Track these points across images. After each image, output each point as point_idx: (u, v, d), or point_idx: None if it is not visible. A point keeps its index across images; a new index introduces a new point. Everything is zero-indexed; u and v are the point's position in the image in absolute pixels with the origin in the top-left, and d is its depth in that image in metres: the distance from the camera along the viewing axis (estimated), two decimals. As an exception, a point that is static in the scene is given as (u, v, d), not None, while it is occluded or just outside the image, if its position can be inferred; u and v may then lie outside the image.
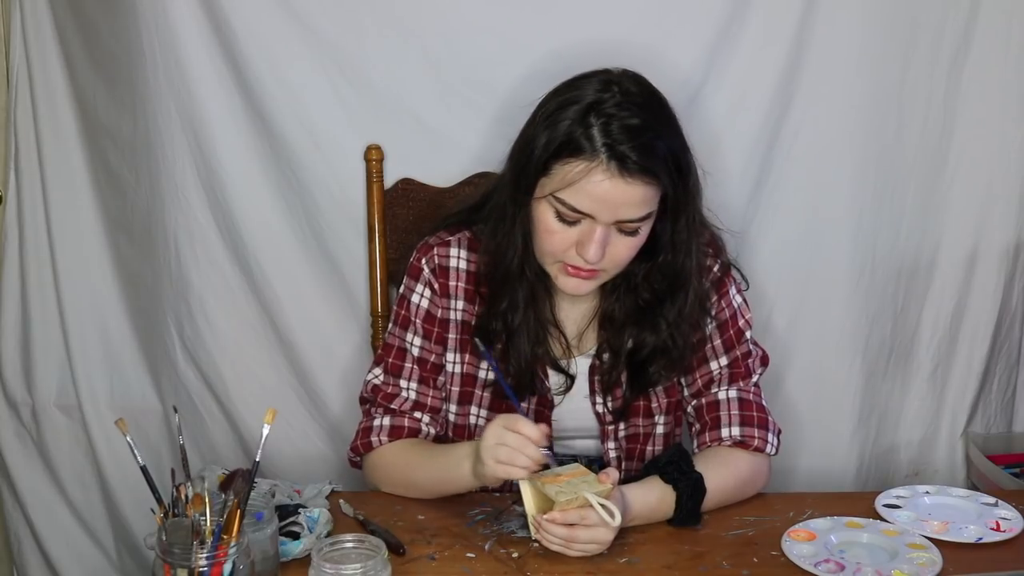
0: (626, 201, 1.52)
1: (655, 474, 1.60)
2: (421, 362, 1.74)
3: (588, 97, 1.53)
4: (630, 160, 1.49)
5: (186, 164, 2.04)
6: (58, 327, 2.23)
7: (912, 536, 1.54)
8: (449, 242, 1.73)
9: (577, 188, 1.52)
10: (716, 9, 1.97)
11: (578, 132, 1.52)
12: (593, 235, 1.53)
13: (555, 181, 1.54)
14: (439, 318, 1.73)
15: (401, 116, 2.01)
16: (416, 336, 1.73)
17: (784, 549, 1.51)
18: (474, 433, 1.75)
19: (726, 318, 1.73)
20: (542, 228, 1.58)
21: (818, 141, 2.04)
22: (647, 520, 1.58)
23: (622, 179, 1.50)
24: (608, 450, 1.77)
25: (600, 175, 1.51)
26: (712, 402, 1.71)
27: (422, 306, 1.73)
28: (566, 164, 1.52)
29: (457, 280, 1.73)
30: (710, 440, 1.69)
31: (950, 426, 2.21)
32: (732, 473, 1.65)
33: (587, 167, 1.51)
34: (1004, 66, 2.04)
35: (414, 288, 1.74)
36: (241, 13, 1.96)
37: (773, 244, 2.07)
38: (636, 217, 1.54)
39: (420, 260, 1.74)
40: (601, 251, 1.54)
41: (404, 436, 1.71)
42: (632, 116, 1.52)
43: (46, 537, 2.32)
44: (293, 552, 1.47)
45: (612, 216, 1.53)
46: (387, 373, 1.75)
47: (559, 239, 1.57)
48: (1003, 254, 2.13)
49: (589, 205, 1.52)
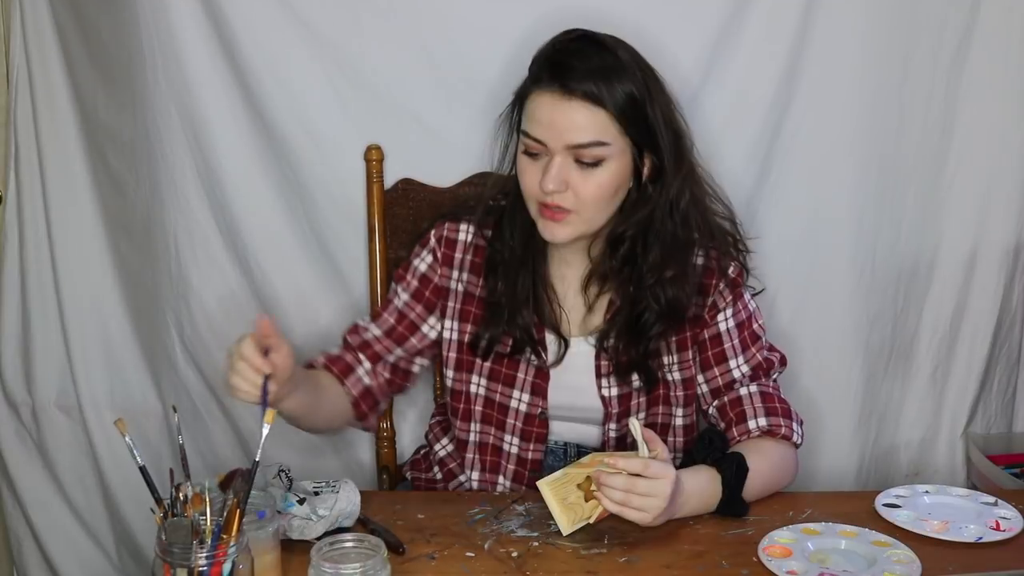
0: (570, 123, 1.59)
1: (698, 461, 1.62)
2: (399, 315, 1.79)
3: (556, 39, 1.65)
4: (572, 82, 1.58)
5: (186, 164, 2.05)
6: (58, 327, 2.23)
7: (898, 546, 1.52)
8: (461, 219, 1.79)
9: (531, 116, 1.62)
10: (716, 9, 1.98)
11: (539, 66, 1.63)
12: (551, 165, 1.60)
13: (524, 118, 1.65)
14: (435, 283, 1.78)
15: (401, 116, 2.01)
16: (404, 292, 1.80)
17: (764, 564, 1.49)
18: (472, 401, 1.79)
19: (743, 319, 1.74)
20: (519, 169, 1.66)
21: (818, 141, 2.04)
22: (700, 503, 1.59)
23: (564, 100, 1.58)
24: (608, 429, 1.77)
25: (546, 97, 1.60)
26: (735, 399, 1.72)
27: (419, 268, 1.79)
28: (530, 98, 1.63)
29: (464, 253, 1.77)
30: (738, 434, 1.70)
31: (950, 426, 2.21)
32: (766, 459, 1.66)
33: (539, 96, 1.61)
34: (1004, 66, 2.05)
35: (419, 254, 1.80)
36: (241, 13, 1.96)
37: (773, 243, 2.07)
38: (583, 142, 1.59)
39: (431, 232, 1.80)
40: (557, 180, 1.60)
41: (338, 370, 1.77)
42: (586, 49, 1.62)
43: (46, 537, 2.33)
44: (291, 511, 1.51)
45: (560, 140, 1.59)
46: (365, 322, 1.82)
47: (529, 176, 1.64)
48: (1003, 254, 2.13)
49: (539, 130, 1.61)
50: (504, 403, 1.78)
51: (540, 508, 1.59)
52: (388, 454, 2.08)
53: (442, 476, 1.88)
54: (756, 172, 2.05)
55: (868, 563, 1.48)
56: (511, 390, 1.77)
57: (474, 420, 1.80)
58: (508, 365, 1.76)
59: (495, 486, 1.80)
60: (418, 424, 2.15)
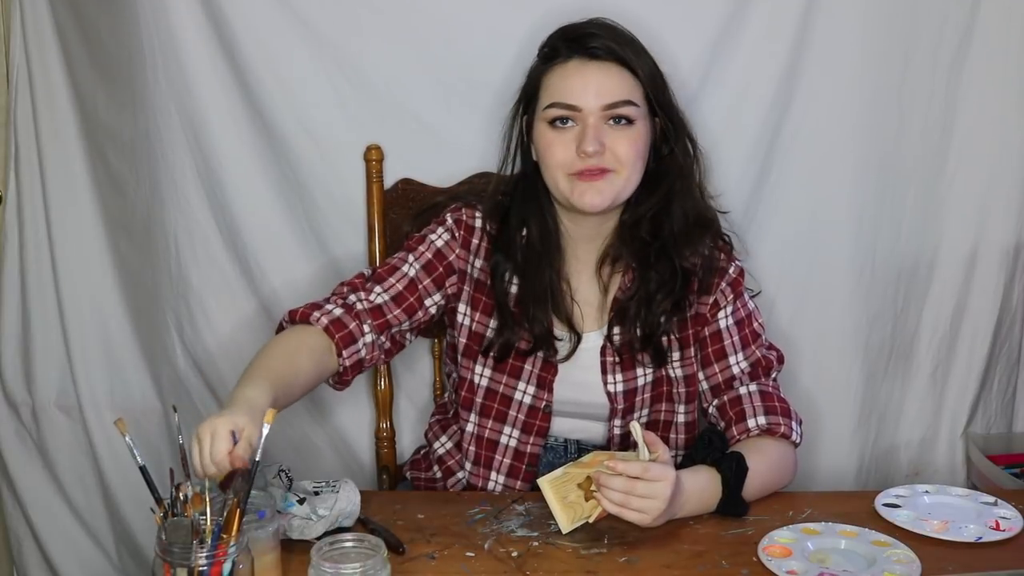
0: (603, 83, 1.64)
1: (697, 461, 1.62)
2: (409, 283, 1.74)
3: (566, 25, 1.70)
4: (596, 48, 1.65)
5: (186, 164, 2.05)
6: (58, 327, 2.23)
7: (898, 546, 1.52)
8: (477, 207, 1.78)
9: (558, 86, 1.66)
10: (716, 9, 1.98)
11: (553, 45, 1.69)
12: (587, 128, 1.63)
13: (543, 96, 1.67)
14: (448, 261, 1.76)
15: (401, 116, 2.01)
16: (417, 262, 1.76)
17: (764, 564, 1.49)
18: (475, 391, 1.78)
19: (742, 317, 1.75)
20: (544, 145, 1.67)
21: (818, 141, 2.04)
22: (700, 503, 1.59)
23: (594, 63, 1.65)
24: (613, 426, 1.77)
25: (574, 65, 1.66)
26: (734, 398, 1.72)
27: (436, 243, 1.77)
28: (548, 74, 1.68)
29: (480, 240, 1.77)
30: (738, 433, 1.70)
31: (950, 426, 2.21)
32: (766, 458, 1.66)
33: (562, 66, 1.67)
34: (1004, 66, 2.05)
35: (435, 230, 1.78)
36: (241, 13, 1.96)
37: (773, 244, 2.07)
38: (618, 100, 1.64)
39: (446, 214, 1.79)
40: (597, 141, 1.62)
41: (339, 338, 1.67)
42: (603, 25, 1.69)
43: (46, 537, 2.32)
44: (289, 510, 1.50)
45: (596, 101, 1.63)
46: (370, 278, 1.76)
47: (560, 147, 1.65)
48: (1003, 254, 2.13)
49: (573, 95, 1.64)
50: (508, 394, 1.78)
51: (540, 508, 1.59)
52: (388, 454, 2.08)
53: (441, 474, 1.88)
54: (756, 172, 2.05)
55: (868, 563, 1.48)
56: (516, 381, 1.77)
57: (474, 411, 1.80)
58: (516, 357, 1.76)
59: (486, 481, 1.80)
60: (418, 424, 2.15)
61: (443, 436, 1.90)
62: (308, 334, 1.67)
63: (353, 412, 2.17)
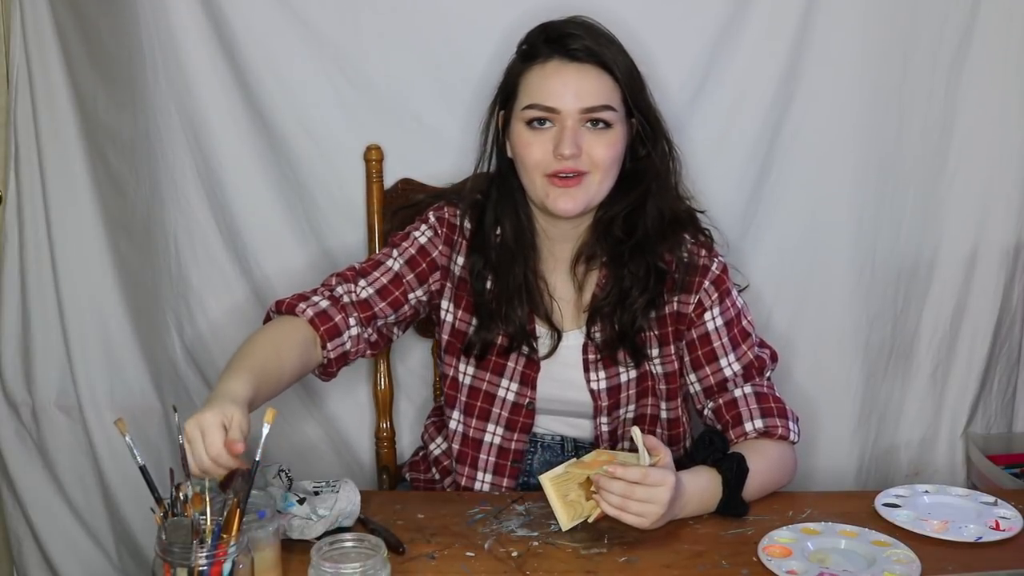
0: (581, 85, 1.63)
1: (698, 462, 1.62)
2: (394, 277, 1.75)
3: (544, 23, 1.70)
4: (576, 50, 1.64)
5: (186, 164, 2.05)
6: (58, 327, 2.23)
7: (898, 546, 1.52)
8: (459, 206, 1.79)
9: (537, 87, 1.65)
10: (716, 9, 1.98)
11: (533, 44, 1.68)
12: (564, 131, 1.62)
13: (522, 96, 1.66)
14: (432, 257, 1.77)
15: (401, 116, 2.01)
16: (401, 257, 1.77)
17: (764, 564, 1.49)
18: (459, 389, 1.79)
19: (731, 317, 1.74)
20: (521, 145, 1.66)
21: (818, 141, 2.04)
22: (700, 504, 1.59)
23: (574, 65, 1.64)
24: (600, 423, 1.77)
25: (553, 66, 1.65)
26: (730, 401, 1.72)
27: (419, 240, 1.78)
28: (527, 74, 1.67)
29: (462, 237, 1.77)
30: (735, 437, 1.70)
31: (950, 426, 2.21)
32: (765, 459, 1.66)
33: (542, 67, 1.65)
34: (1004, 66, 2.05)
35: (418, 228, 1.79)
36: (241, 13, 1.96)
37: (773, 244, 2.07)
38: (597, 104, 1.63)
39: (429, 212, 1.80)
40: (574, 144, 1.62)
41: (325, 330, 1.68)
42: (581, 25, 1.67)
43: (46, 537, 2.32)
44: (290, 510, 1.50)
45: (574, 103, 1.63)
46: (355, 271, 1.76)
47: (537, 147, 1.65)
48: (1003, 254, 2.13)
49: (551, 98, 1.63)
50: (492, 392, 1.78)
51: (540, 508, 1.59)
52: (388, 454, 2.08)
53: (439, 476, 1.88)
54: (756, 172, 2.05)
55: (868, 563, 1.48)
56: (499, 379, 1.77)
57: (458, 408, 1.80)
58: (498, 354, 1.76)
59: (473, 481, 1.80)
60: (418, 424, 2.15)
61: (438, 437, 1.90)
62: (293, 325, 1.68)
63: (353, 412, 2.17)
